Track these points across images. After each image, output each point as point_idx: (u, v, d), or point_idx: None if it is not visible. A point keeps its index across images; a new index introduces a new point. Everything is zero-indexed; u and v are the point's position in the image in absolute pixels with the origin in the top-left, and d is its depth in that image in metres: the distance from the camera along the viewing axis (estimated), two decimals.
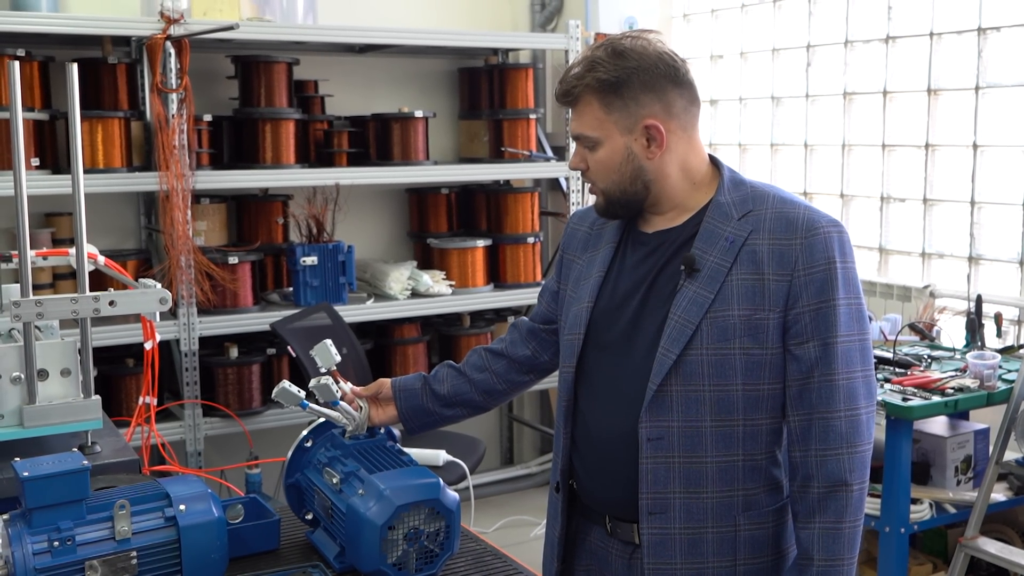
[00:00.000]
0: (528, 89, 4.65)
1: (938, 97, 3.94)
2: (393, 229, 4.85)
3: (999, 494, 3.28)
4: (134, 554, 1.62)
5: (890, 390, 3.14)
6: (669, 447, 1.71)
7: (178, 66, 3.79)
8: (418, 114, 4.39)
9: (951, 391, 3.12)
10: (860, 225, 4.26)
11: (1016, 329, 3.70)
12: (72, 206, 2.04)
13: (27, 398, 2.00)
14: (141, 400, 2.30)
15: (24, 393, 2.00)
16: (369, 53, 4.62)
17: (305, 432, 1.97)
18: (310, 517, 1.94)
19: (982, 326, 3.54)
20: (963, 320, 3.62)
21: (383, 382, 2.03)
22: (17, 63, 2.00)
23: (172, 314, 3.89)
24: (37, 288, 3.49)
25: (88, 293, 2.02)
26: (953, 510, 3.27)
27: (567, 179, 4.72)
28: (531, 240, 4.67)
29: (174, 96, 3.80)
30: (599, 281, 1.83)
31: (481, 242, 4.58)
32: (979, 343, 3.52)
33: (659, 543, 1.73)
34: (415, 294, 4.40)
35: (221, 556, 1.69)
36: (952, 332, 3.63)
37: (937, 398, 3.08)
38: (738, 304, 1.69)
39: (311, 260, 4.10)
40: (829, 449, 1.68)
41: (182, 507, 1.66)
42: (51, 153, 3.87)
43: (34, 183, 3.52)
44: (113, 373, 3.95)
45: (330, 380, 1.88)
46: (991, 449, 3.18)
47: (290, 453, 1.95)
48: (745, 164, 4.76)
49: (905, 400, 3.05)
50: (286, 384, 1.86)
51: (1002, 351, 3.46)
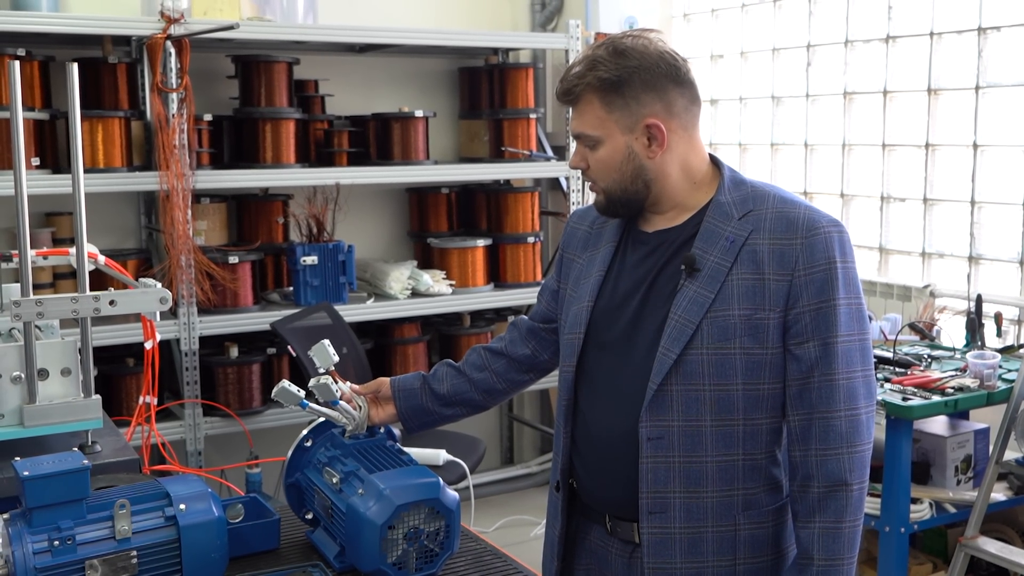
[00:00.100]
0: (528, 89, 4.65)
1: (938, 97, 3.93)
2: (393, 229, 4.85)
3: (999, 494, 3.28)
4: (134, 553, 1.62)
5: (890, 390, 3.14)
6: (669, 446, 1.71)
7: (178, 66, 3.79)
8: (418, 114, 4.39)
9: (951, 391, 3.12)
10: (860, 225, 4.25)
11: (1016, 329, 3.70)
12: (72, 206, 2.04)
13: (27, 397, 2.00)
14: (141, 400, 2.30)
15: (24, 392, 2.00)
16: (369, 53, 4.62)
17: (305, 432, 1.97)
18: (310, 517, 1.94)
19: (982, 326, 3.54)
20: (963, 320, 3.62)
21: (382, 381, 2.02)
22: (17, 63, 2.00)
23: (172, 314, 3.89)
24: (37, 287, 3.48)
25: (88, 293, 2.02)
26: (953, 510, 3.27)
27: (567, 179, 4.72)
28: (531, 240, 4.67)
29: (174, 96, 3.80)
30: (599, 280, 1.83)
31: (481, 242, 4.58)
32: (979, 343, 3.52)
33: (659, 542, 1.73)
34: (415, 294, 4.40)
35: (221, 555, 1.69)
36: (952, 332, 3.63)
37: (937, 398, 3.08)
38: (738, 304, 1.68)
39: (311, 260, 4.10)
40: (829, 449, 1.68)
41: (182, 506, 1.66)
42: (51, 153, 3.87)
43: (34, 183, 3.52)
44: (113, 373, 3.95)
45: (329, 380, 1.88)
46: (991, 449, 3.18)
47: (290, 453, 1.95)
48: (745, 164, 4.76)
49: (905, 400, 3.05)
50: (285, 384, 1.86)
51: (1002, 351, 3.46)
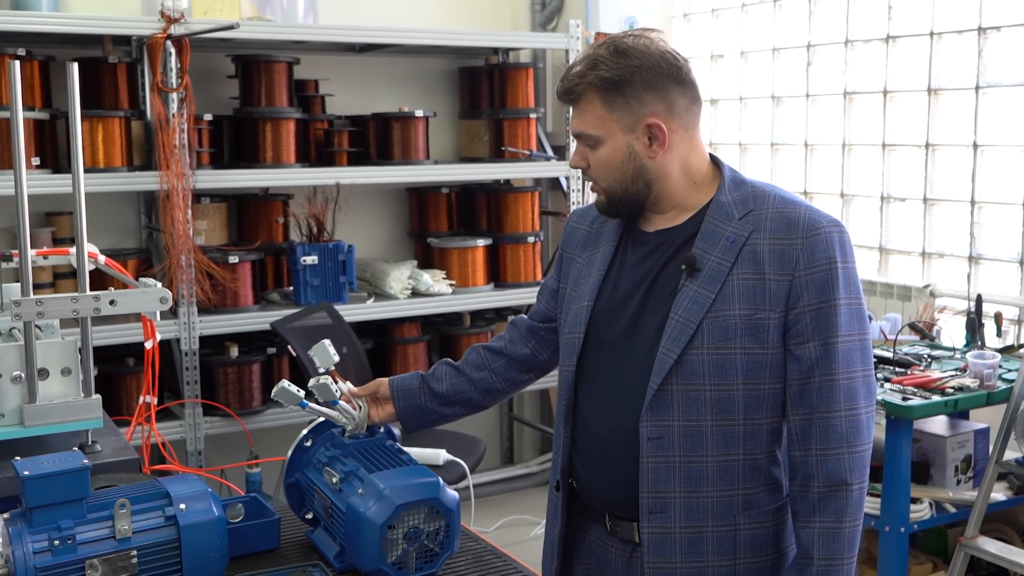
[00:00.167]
0: (528, 89, 4.65)
1: (938, 97, 3.93)
2: (393, 228, 4.85)
3: (999, 493, 3.28)
4: (134, 553, 1.62)
5: (890, 389, 3.14)
6: (669, 446, 1.71)
7: (178, 65, 3.80)
8: (418, 113, 4.39)
9: (951, 390, 3.12)
10: (860, 225, 4.25)
11: (1016, 329, 3.70)
12: (72, 205, 2.04)
13: (27, 397, 2.00)
14: (141, 399, 2.30)
15: (24, 392, 2.00)
16: (369, 52, 4.62)
17: (305, 431, 1.97)
18: (310, 516, 1.95)
19: (982, 326, 3.54)
20: (963, 320, 3.62)
21: (380, 381, 2.02)
22: (18, 62, 2.00)
23: (172, 313, 3.89)
24: (37, 287, 3.48)
25: (88, 292, 2.02)
26: (953, 509, 3.27)
27: (567, 178, 4.72)
28: (531, 240, 4.67)
29: (174, 95, 3.80)
30: (599, 280, 1.83)
31: (481, 241, 4.58)
32: (979, 343, 3.52)
33: (659, 542, 1.73)
34: (415, 293, 4.40)
35: (221, 555, 1.69)
36: (952, 332, 3.63)
37: (937, 397, 3.08)
38: (739, 304, 1.68)
39: (311, 259, 4.10)
40: (829, 449, 1.68)
41: (182, 506, 1.66)
42: (51, 152, 3.87)
43: (34, 182, 3.52)
44: (113, 372, 3.95)
45: (329, 380, 1.88)
46: (991, 449, 3.18)
47: (290, 452, 1.95)
48: (745, 164, 4.76)
49: (905, 400, 3.05)
50: (285, 383, 1.87)
51: (1002, 351, 3.46)
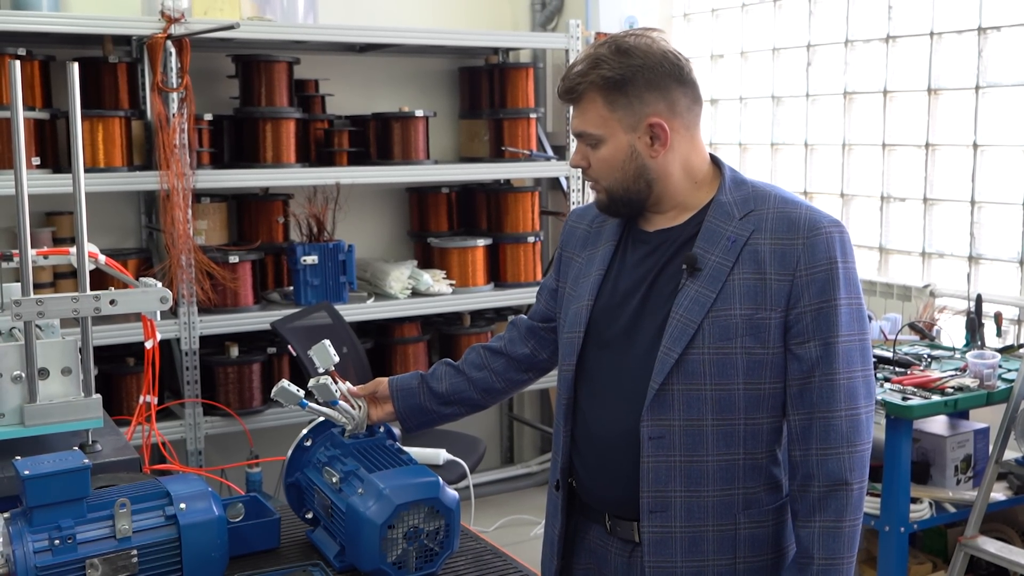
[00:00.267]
0: (528, 88, 4.65)
1: (938, 97, 3.94)
2: (393, 228, 4.85)
3: (999, 493, 3.28)
4: (135, 552, 1.62)
5: (890, 389, 3.14)
6: (670, 446, 1.71)
7: (179, 65, 3.80)
8: (418, 113, 4.39)
9: (951, 390, 3.12)
10: (860, 225, 4.25)
11: (1016, 329, 3.70)
12: (73, 205, 2.04)
13: (28, 397, 2.00)
14: (142, 399, 2.30)
15: (25, 392, 2.00)
16: (369, 52, 4.62)
17: (305, 431, 1.97)
18: (310, 516, 1.95)
19: (982, 325, 3.54)
20: (963, 319, 3.62)
21: (380, 381, 2.02)
22: (18, 62, 2.00)
23: (173, 313, 3.89)
24: (38, 287, 3.49)
25: (89, 292, 2.02)
26: (953, 509, 3.27)
27: (567, 178, 4.72)
28: (531, 239, 4.67)
29: (175, 95, 3.80)
30: (599, 279, 1.83)
31: (481, 241, 4.58)
32: (979, 342, 3.52)
33: (660, 541, 1.73)
34: (415, 293, 4.40)
35: (221, 554, 1.69)
36: (952, 331, 3.63)
37: (937, 397, 3.08)
38: (740, 303, 1.68)
39: (311, 259, 4.10)
40: (830, 448, 1.68)
41: (182, 506, 1.66)
42: (52, 152, 3.87)
43: (35, 182, 3.52)
44: (114, 372, 3.95)
45: (329, 380, 1.88)
46: (991, 448, 3.18)
47: (290, 452, 1.95)
48: (745, 164, 4.76)
49: (905, 399, 3.05)
50: (285, 383, 1.87)
51: (1002, 350, 3.46)
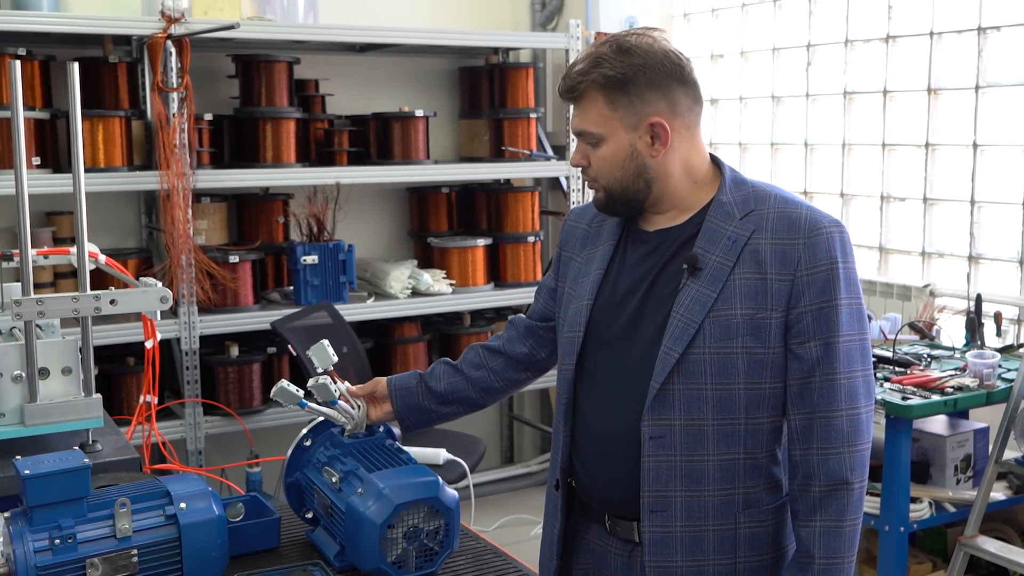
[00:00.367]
0: (528, 88, 4.65)
1: (938, 96, 3.94)
2: (393, 228, 4.85)
3: (998, 493, 3.29)
4: (135, 552, 1.62)
5: (890, 389, 3.14)
6: (671, 445, 1.71)
7: (179, 65, 3.80)
8: (418, 113, 4.39)
9: (951, 390, 3.12)
10: (860, 224, 4.26)
11: (1016, 328, 3.70)
12: (73, 205, 2.04)
13: (28, 396, 2.01)
14: (142, 399, 2.30)
15: (25, 391, 2.01)
16: (370, 52, 4.63)
17: (304, 431, 1.97)
18: (310, 516, 1.95)
19: (982, 325, 3.54)
20: (963, 319, 3.62)
21: (379, 381, 2.02)
22: (18, 62, 2.00)
23: (173, 313, 3.89)
24: (38, 287, 3.49)
25: (89, 292, 2.02)
26: (952, 509, 3.27)
27: (567, 178, 4.72)
28: (531, 239, 4.67)
29: (175, 95, 3.80)
30: (599, 278, 1.83)
31: (481, 241, 4.58)
32: (979, 342, 3.52)
33: (660, 541, 1.73)
34: (415, 293, 4.40)
35: (221, 554, 1.69)
36: (952, 331, 3.63)
37: (937, 397, 3.08)
38: (740, 303, 1.69)
39: (312, 259, 4.10)
40: (830, 448, 1.68)
41: (183, 505, 1.67)
42: (52, 152, 3.87)
43: (35, 182, 3.52)
44: (114, 372, 3.95)
45: (328, 380, 1.88)
46: (990, 448, 3.19)
47: (289, 452, 1.95)
48: (745, 163, 4.76)
49: (905, 399, 3.05)
50: (284, 383, 1.87)
51: (1002, 350, 3.46)
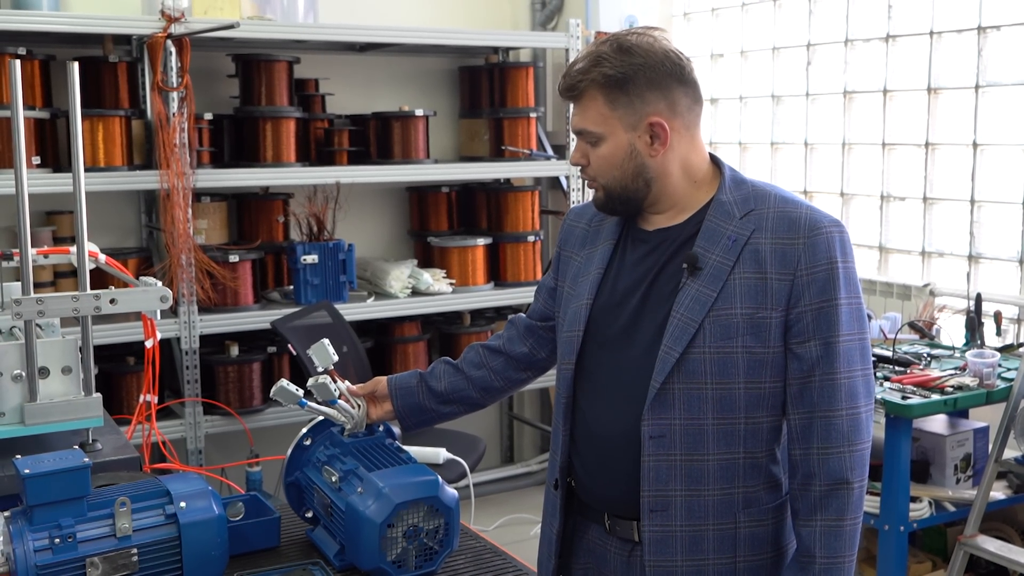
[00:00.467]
0: (528, 88, 4.65)
1: (938, 96, 3.94)
2: (393, 227, 4.85)
3: (998, 492, 3.29)
4: (135, 551, 1.62)
5: (890, 388, 3.14)
6: (671, 445, 1.71)
7: (179, 65, 3.80)
8: (419, 113, 4.39)
9: (950, 389, 3.12)
10: (860, 224, 4.26)
11: (1016, 328, 3.71)
12: (73, 204, 2.04)
13: (28, 396, 2.01)
14: (142, 398, 2.30)
15: (25, 391, 2.01)
16: (370, 52, 4.63)
17: (304, 430, 1.98)
18: (310, 515, 1.95)
19: (982, 324, 3.54)
20: (963, 319, 3.63)
21: (379, 380, 2.03)
22: (18, 62, 2.00)
23: (173, 312, 3.89)
24: (38, 286, 3.49)
25: (89, 291, 2.02)
26: (952, 508, 3.28)
27: (567, 178, 4.72)
28: (531, 239, 4.67)
29: (175, 95, 3.80)
30: (599, 278, 1.83)
31: (481, 240, 4.58)
32: (979, 341, 3.53)
33: (660, 540, 1.73)
34: (415, 292, 4.40)
35: (221, 553, 1.69)
36: (952, 331, 3.64)
37: (936, 396, 3.08)
38: (741, 303, 1.69)
39: (312, 258, 4.10)
40: (831, 447, 1.68)
41: (183, 504, 1.67)
42: (52, 151, 3.87)
43: (35, 181, 3.52)
44: (114, 371, 3.95)
45: (327, 379, 1.88)
46: (990, 447, 3.19)
47: (289, 451, 1.95)
48: (745, 163, 4.76)
49: (904, 398, 3.06)
50: (284, 383, 1.87)
51: (1001, 349, 3.46)
